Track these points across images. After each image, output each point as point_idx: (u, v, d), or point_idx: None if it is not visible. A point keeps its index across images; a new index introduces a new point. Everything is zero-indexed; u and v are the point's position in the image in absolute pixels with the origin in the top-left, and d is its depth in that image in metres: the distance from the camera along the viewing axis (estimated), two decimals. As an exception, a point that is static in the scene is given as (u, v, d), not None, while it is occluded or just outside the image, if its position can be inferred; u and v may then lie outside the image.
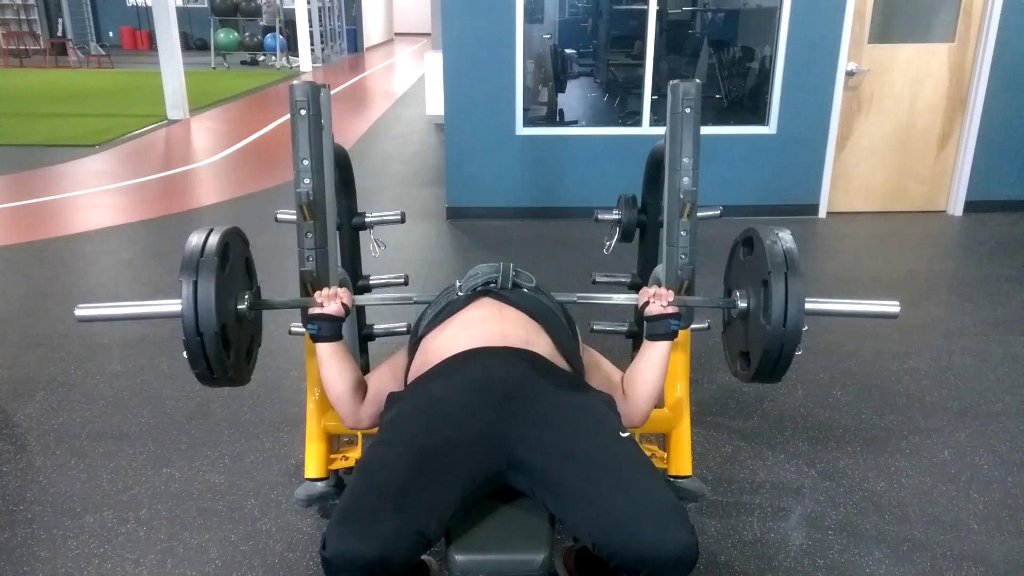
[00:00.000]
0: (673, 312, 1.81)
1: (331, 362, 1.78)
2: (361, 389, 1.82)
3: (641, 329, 2.55)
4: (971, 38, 5.17)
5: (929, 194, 5.54)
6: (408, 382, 1.79)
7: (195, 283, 1.63)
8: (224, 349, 1.69)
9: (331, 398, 1.80)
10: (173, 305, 1.67)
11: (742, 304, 1.85)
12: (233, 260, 1.79)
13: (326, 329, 1.78)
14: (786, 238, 1.76)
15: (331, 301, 1.79)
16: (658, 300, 1.81)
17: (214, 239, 1.71)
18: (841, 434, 2.70)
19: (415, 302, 2.07)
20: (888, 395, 2.97)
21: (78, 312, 1.76)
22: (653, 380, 1.80)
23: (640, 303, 1.87)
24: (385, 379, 1.86)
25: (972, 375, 3.13)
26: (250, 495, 2.35)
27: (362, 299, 1.99)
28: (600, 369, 1.92)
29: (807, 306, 1.69)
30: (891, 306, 1.81)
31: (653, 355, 1.81)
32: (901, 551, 2.11)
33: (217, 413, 2.82)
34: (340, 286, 2.02)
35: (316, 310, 1.79)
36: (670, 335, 1.81)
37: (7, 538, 2.14)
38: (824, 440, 2.66)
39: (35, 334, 3.48)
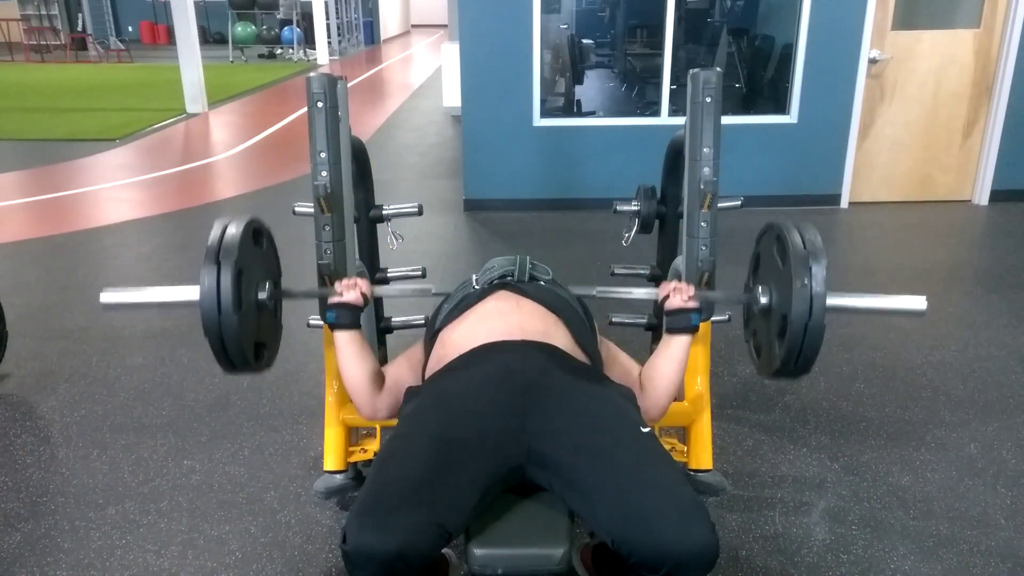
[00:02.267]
0: (694, 306, 1.78)
1: (348, 351, 1.78)
2: (378, 379, 1.82)
3: (661, 322, 2.53)
4: (997, 23, 5.07)
5: (954, 183, 5.45)
6: (426, 376, 1.78)
7: (217, 271, 1.62)
8: (243, 337, 1.68)
9: (348, 388, 1.80)
10: (194, 292, 1.67)
11: (764, 300, 1.81)
12: (256, 249, 1.78)
13: (344, 317, 1.79)
14: (810, 232, 1.72)
15: (350, 290, 1.79)
16: (679, 294, 1.79)
17: (237, 228, 1.70)
18: (865, 427, 2.66)
19: (434, 294, 2.06)
20: (912, 388, 2.93)
21: (103, 298, 1.76)
22: (672, 374, 1.78)
23: (660, 297, 1.85)
24: (403, 371, 1.86)
25: (999, 368, 3.08)
26: (270, 487, 2.35)
27: (381, 290, 1.98)
28: (617, 362, 1.90)
29: (830, 302, 1.66)
30: (917, 302, 1.76)
31: (673, 349, 1.79)
32: (927, 547, 2.08)
33: (237, 405, 2.83)
34: (358, 273, 2.03)
35: (335, 299, 1.79)
36: (691, 329, 1.79)
37: (31, 529, 2.17)
38: (847, 433, 2.63)
39: (57, 327, 3.51)
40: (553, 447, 1.47)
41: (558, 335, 1.74)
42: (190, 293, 1.70)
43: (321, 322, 2.07)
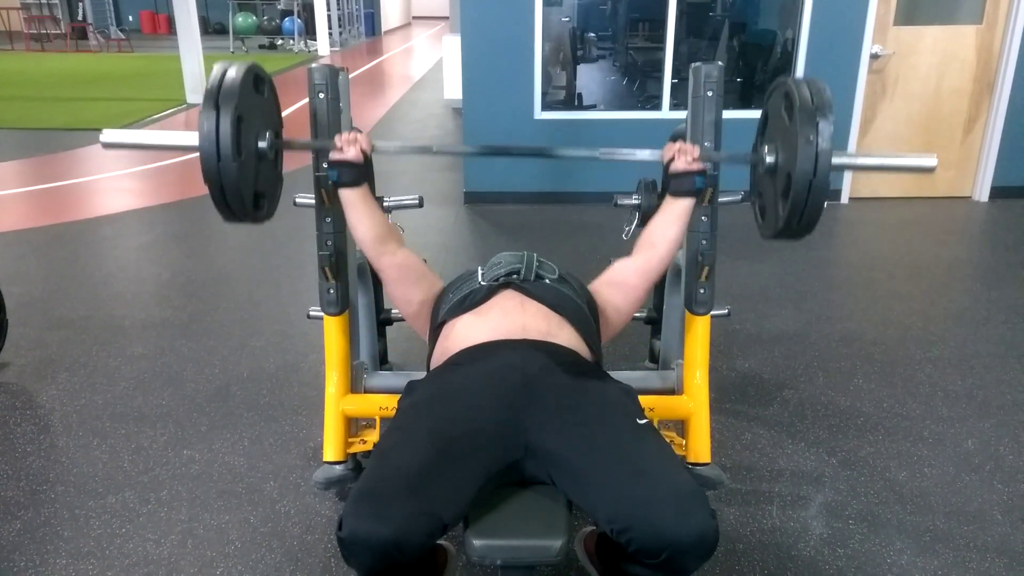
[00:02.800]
0: (698, 168, 1.80)
1: (355, 207, 1.82)
2: (388, 234, 1.87)
3: (660, 316, 2.54)
4: (999, 20, 5.06)
5: (954, 180, 5.45)
6: (430, 367, 1.79)
7: (216, 116, 1.59)
8: (242, 185, 1.65)
9: (359, 241, 1.87)
10: (193, 137, 1.64)
11: (770, 158, 1.77)
12: (257, 97, 1.74)
13: (346, 175, 1.80)
14: (819, 87, 1.67)
15: (350, 146, 1.80)
16: (683, 155, 1.81)
17: (237, 73, 1.65)
18: (863, 422, 2.67)
19: (434, 152, 2.05)
20: (911, 383, 2.94)
21: (103, 136, 1.72)
22: (675, 235, 1.84)
23: (665, 158, 1.86)
24: (414, 261, 1.91)
25: (997, 364, 3.09)
26: (269, 477, 2.36)
27: (381, 145, 1.93)
28: (609, 273, 1.95)
29: (836, 160, 1.61)
30: (927, 160, 1.69)
31: (676, 209, 1.83)
32: (923, 541, 2.09)
33: (237, 396, 2.83)
34: (359, 270, 2.03)
35: (336, 156, 1.79)
36: (694, 192, 1.82)
37: (31, 517, 2.17)
38: (845, 428, 2.63)
39: (57, 316, 3.52)
40: (551, 440, 1.48)
41: (562, 334, 1.75)
42: (189, 139, 1.67)
43: (321, 313, 2.08)
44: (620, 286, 1.91)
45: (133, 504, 2.24)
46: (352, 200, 1.82)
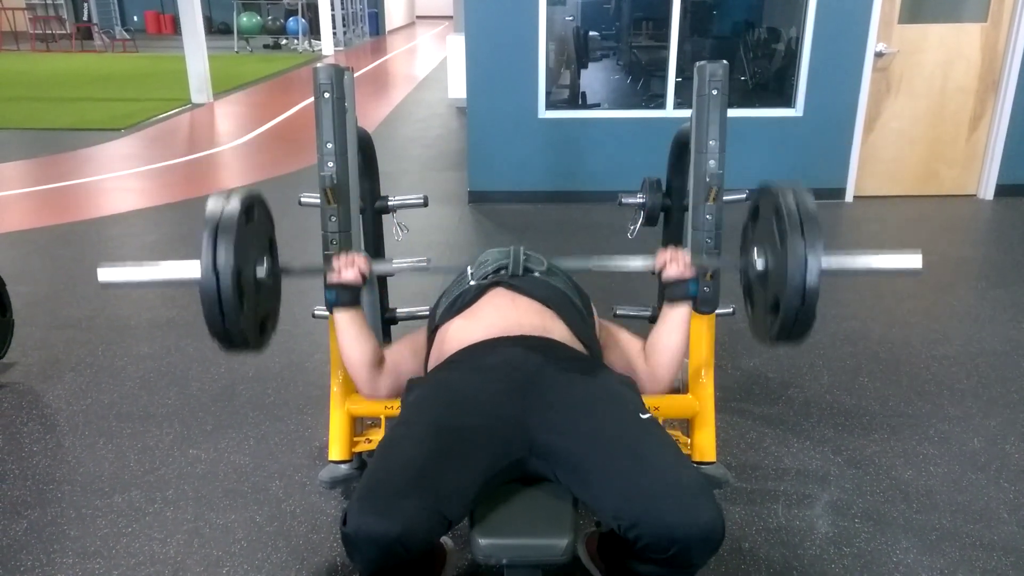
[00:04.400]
0: (691, 275, 1.80)
1: (348, 330, 1.80)
2: (379, 359, 1.84)
3: (660, 293, 2.53)
4: (1004, 18, 5.04)
5: (959, 178, 5.44)
6: (428, 368, 1.80)
7: (214, 246, 1.59)
8: (243, 318, 1.66)
9: (347, 366, 1.83)
10: (192, 270, 1.66)
11: (759, 266, 1.79)
12: (254, 225, 1.74)
13: (343, 297, 1.80)
14: (802, 194, 1.66)
15: (348, 268, 1.80)
16: (674, 264, 1.80)
17: (235, 203, 1.65)
18: (868, 421, 2.67)
19: (431, 270, 2.05)
20: (916, 382, 2.93)
21: (101, 275, 1.71)
22: (676, 345, 1.80)
23: (656, 267, 1.85)
24: (404, 353, 1.88)
25: (1003, 362, 3.08)
26: (275, 477, 2.37)
27: (379, 267, 1.96)
28: (619, 341, 1.92)
29: (824, 265, 1.63)
30: (912, 260, 1.69)
31: (674, 318, 1.81)
32: (929, 540, 2.08)
33: (242, 395, 2.84)
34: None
35: (333, 279, 1.80)
36: (689, 297, 1.81)
37: (37, 516, 2.18)
38: (850, 427, 2.63)
39: (63, 316, 3.53)
40: (555, 437, 1.48)
41: (555, 328, 1.75)
42: (190, 270, 1.67)
43: (326, 313, 2.08)
44: (621, 356, 1.88)
45: (139, 503, 2.24)
46: (346, 324, 1.79)
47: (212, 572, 1.98)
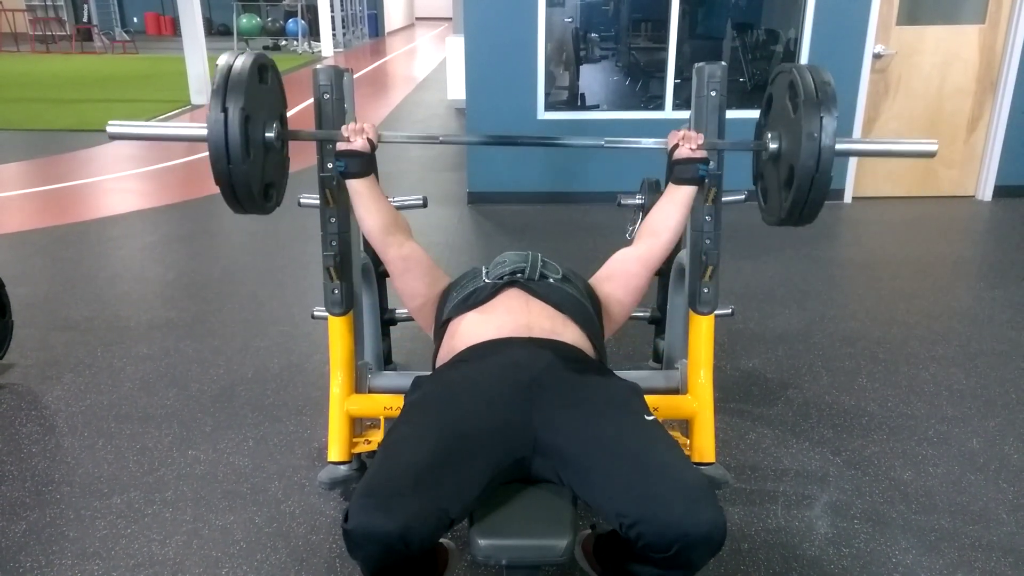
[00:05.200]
0: (702, 156, 1.81)
1: (362, 198, 1.82)
2: (395, 225, 1.86)
3: (664, 315, 2.53)
4: (1002, 19, 5.05)
5: (958, 179, 5.44)
6: (436, 365, 1.80)
7: (224, 104, 1.59)
8: (249, 172, 1.66)
9: (367, 233, 1.86)
10: (201, 129, 1.65)
11: (773, 145, 1.80)
12: (264, 87, 1.75)
13: (354, 165, 1.81)
14: (819, 73, 1.70)
15: (357, 136, 1.81)
16: (687, 143, 1.82)
17: (245, 61, 1.66)
18: (867, 422, 2.67)
19: (440, 142, 2.04)
20: (915, 382, 2.93)
21: (109, 128, 1.74)
22: (677, 222, 1.85)
23: (669, 145, 1.88)
24: (423, 260, 1.91)
25: (1002, 363, 3.08)
26: (274, 478, 2.37)
27: (388, 134, 1.94)
28: (611, 265, 1.95)
29: (839, 146, 1.64)
30: (928, 145, 1.71)
31: (678, 196, 1.85)
32: (929, 541, 2.08)
33: (241, 396, 2.84)
34: (363, 272, 2.03)
35: (343, 146, 1.80)
36: (697, 180, 1.83)
37: (36, 518, 2.18)
38: (849, 428, 2.63)
39: (62, 317, 3.53)
40: (559, 437, 1.48)
41: (567, 333, 1.75)
42: (195, 130, 1.67)
43: (325, 313, 2.08)
44: (622, 276, 1.91)
45: (138, 504, 2.24)
46: (359, 191, 1.82)
47: (211, 573, 1.97)
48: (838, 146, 1.63)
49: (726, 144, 1.97)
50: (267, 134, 1.75)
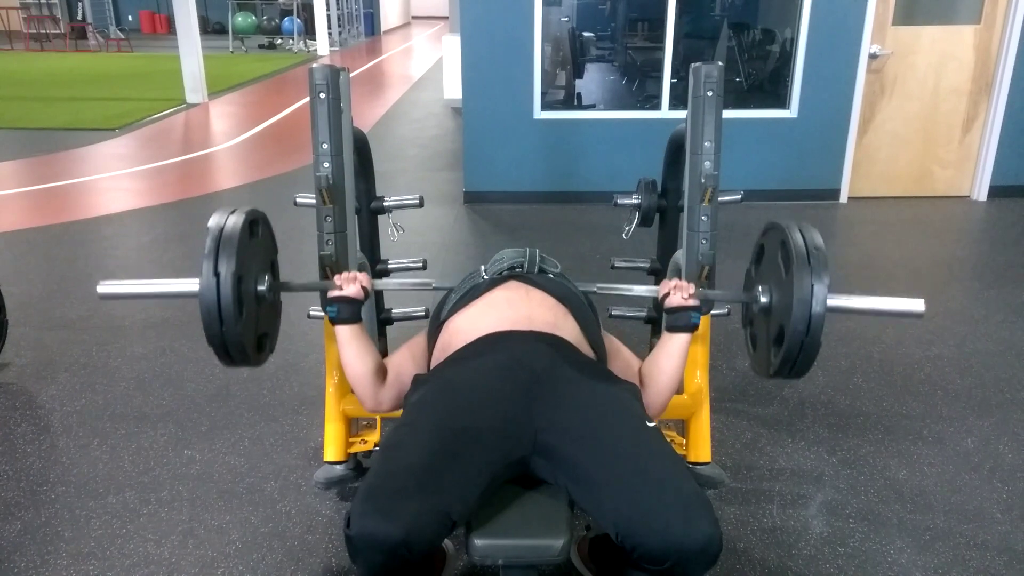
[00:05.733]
0: (694, 304, 1.79)
1: (350, 345, 1.78)
2: (381, 372, 1.82)
3: (661, 316, 2.54)
4: (998, 20, 5.07)
5: (953, 179, 5.46)
6: (432, 365, 1.79)
7: (215, 263, 1.62)
8: (242, 331, 1.68)
9: (350, 380, 1.81)
10: (192, 284, 1.67)
11: (764, 299, 1.81)
12: (255, 241, 1.78)
13: (345, 311, 1.79)
14: (811, 234, 1.71)
15: (350, 284, 1.80)
16: (679, 292, 1.80)
17: (237, 219, 1.69)
18: (862, 421, 2.68)
19: (435, 288, 2.07)
20: (910, 382, 2.94)
21: (100, 289, 1.76)
22: (673, 371, 1.79)
23: (660, 294, 1.86)
24: (404, 362, 1.86)
25: (996, 362, 3.09)
26: (270, 477, 2.36)
27: (381, 283, 1.99)
28: (620, 357, 1.91)
29: (830, 303, 1.65)
30: (916, 304, 1.74)
31: (673, 347, 1.79)
32: (923, 540, 2.09)
33: (237, 396, 2.83)
34: (359, 270, 2.03)
35: (335, 293, 1.80)
36: (690, 327, 1.79)
37: (31, 518, 2.17)
38: (845, 427, 2.64)
39: (57, 316, 3.52)
40: (559, 439, 1.48)
41: (566, 326, 1.75)
42: (186, 286, 1.69)
43: (321, 313, 2.08)
44: (621, 373, 1.86)
45: (134, 504, 2.24)
46: (347, 338, 1.78)
47: (207, 573, 1.97)
48: (830, 303, 1.64)
49: (718, 294, 1.99)
50: (259, 287, 1.76)
